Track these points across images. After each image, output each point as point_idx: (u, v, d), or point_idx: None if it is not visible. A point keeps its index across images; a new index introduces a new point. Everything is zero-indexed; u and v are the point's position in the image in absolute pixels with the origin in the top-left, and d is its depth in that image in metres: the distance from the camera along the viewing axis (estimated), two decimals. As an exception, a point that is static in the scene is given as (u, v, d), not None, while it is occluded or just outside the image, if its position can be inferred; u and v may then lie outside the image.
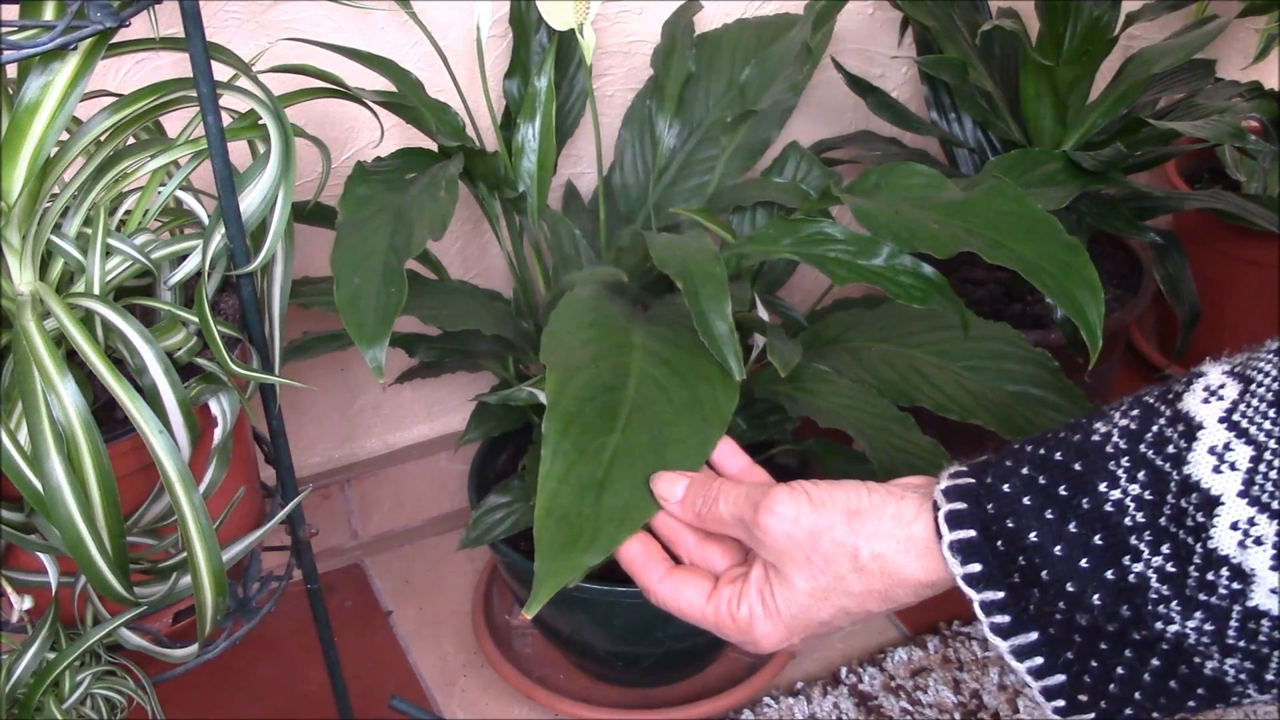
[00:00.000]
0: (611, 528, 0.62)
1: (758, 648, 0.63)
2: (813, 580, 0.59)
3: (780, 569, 0.60)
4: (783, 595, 0.61)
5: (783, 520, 0.59)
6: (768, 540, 0.60)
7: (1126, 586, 0.52)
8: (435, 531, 1.29)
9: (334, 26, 1.00)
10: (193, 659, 0.77)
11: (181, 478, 0.67)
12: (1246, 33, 1.46)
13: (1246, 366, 0.51)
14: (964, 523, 0.55)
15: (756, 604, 0.62)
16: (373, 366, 0.69)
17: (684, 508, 0.64)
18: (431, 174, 0.83)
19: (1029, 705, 1.08)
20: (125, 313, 0.68)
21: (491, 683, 1.13)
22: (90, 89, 0.64)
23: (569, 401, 0.65)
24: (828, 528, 0.59)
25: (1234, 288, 1.35)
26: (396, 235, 0.75)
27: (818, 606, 0.60)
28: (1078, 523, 0.52)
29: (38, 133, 0.62)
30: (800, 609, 0.60)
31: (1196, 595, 0.50)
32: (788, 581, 0.60)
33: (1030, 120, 1.14)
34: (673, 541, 0.66)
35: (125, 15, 0.60)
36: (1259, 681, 0.52)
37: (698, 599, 0.64)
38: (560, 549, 0.60)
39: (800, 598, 0.60)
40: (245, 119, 0.74)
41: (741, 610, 0.62)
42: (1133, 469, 0.52)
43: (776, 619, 0.61)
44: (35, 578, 0.73)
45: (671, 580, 0.64)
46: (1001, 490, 0.55)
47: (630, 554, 0.65)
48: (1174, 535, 0.50)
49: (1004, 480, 0.55)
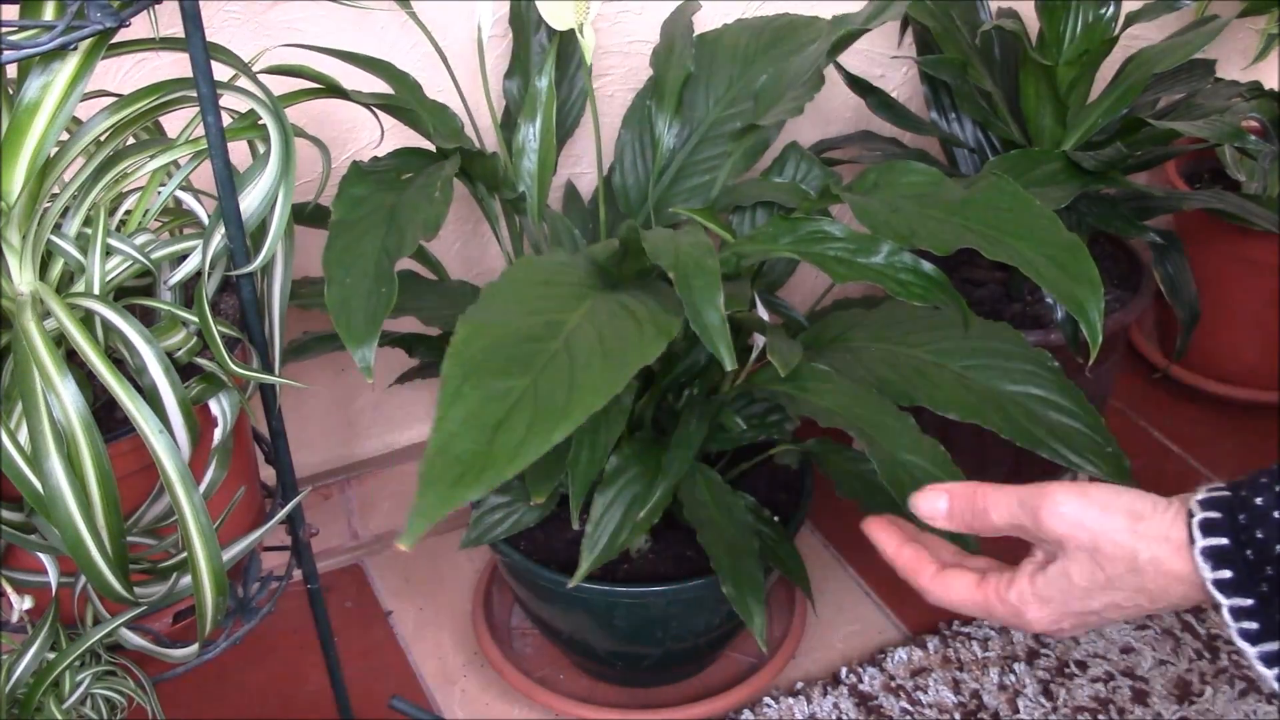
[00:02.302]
0: (502, 462, 0.58)
1: (1029, 628, 0.67)
2: (1090, 577, 0.63)
3: (1057, 560, 0.65)
4: (1058, 584, 0.65)
5: (1065, 521, 0.63)
6: (1049, 537, 0.64)
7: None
8: (435, 531, 1.29)
9: (334, 26, 1.00)
10: (193, 659, 0.77)
11: (181, 478, 0.67)
12: (1246, 33, 1.46)
13: None
14: (1216, 531, 0.59)
15: (1027, 589, 0.66)
16: (361, 366, 0.70)
17: (951, 521, 0.69)
18: (427, 174, 0.83)
19: (1029, 705, 1.08)
20: (125, 313, 0.68)
21: (491, 683, 1.13)
22: (90, 89, 0.64)
23: (476, 351, 0.62)
24: (1111, 530, 0.62)
25: (1234, 288, 1.35)
26: (389, 236, 0.75)
27: (1091, 598, 0.64)
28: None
29: (38, 133, 0.62)
30: (1073, 599, 0.65)
31: None
32: (1064, 573, 0.64)
33: (1030, 120, 1.14)
34: (915, 573, 0.71)
35: (125, 15, 0.60)
36: None
37: (968, 588, 0.69)
38: (445, 483, 0.57)
39: (1075, 590, 0.64)
40: (245, 119, 0.74)
41: (1011, 594, 0.67)
42: None
43: (1049, 604, 0.66)
44: (35, 578, 0.73)
45: (942, 577, 0.70)
46: (1255, 503, 0.58)
47: (904, 558, 0.71)
48: None
49: (1258, 494, 0.58)
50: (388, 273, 0.72)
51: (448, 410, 0.59)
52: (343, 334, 0.70)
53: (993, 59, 1.18)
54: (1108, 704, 1.07)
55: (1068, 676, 1.10)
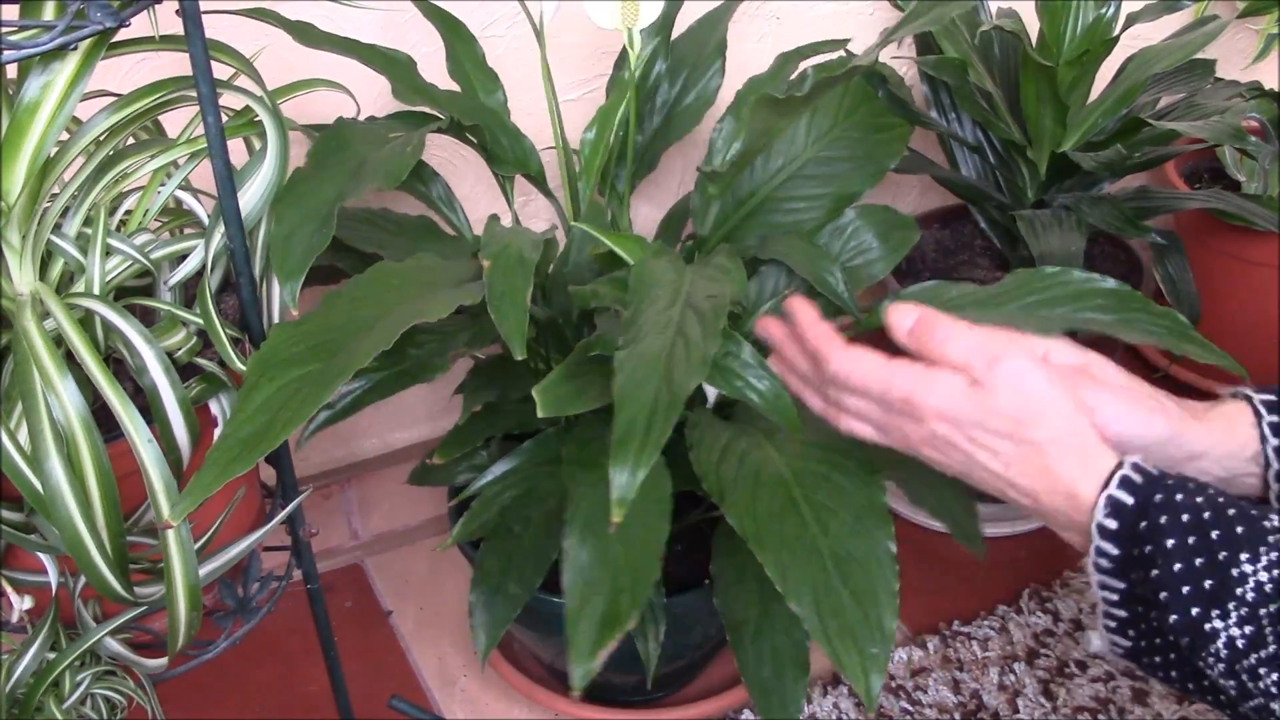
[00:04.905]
0: (279, 427, 0.64)
1: (916, 411, 0.69)
2: (1004, 409, 0.66)
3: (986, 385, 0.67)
4: (974, 400, 0.67)
5: (1016, 386, 0.66)
6: (990, 385, 0.67)
7: (1200, 630, 0.60)
8: (435, 531, 1.29)
9: (334, 27, 1.00)
10: (162, 670, 0.77)
11: (166, 488, 0.67)
12: (1246, 33, 1.46)
13: None
14: (1131, 489, 0.64)
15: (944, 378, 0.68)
16: (289, 298, 0.72)
17: (910, 339, 0.70)
18: (414, 133, 0.85)
19: (1029, 705, 1.08)
20: (125, 313, 0.68)
21: (491, 682, 1.13)
22: (90, 89, 0.64)
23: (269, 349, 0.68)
24: (1050, 401, 0.66)
25: (1234, 288, 1.35)
26: (349, 183, 0.77)
27: (989, 432, 0.67)
28: (1206, 563, 0.60)
29: (38, 133, 0.62)
30: (974, 421, 0.67)
31: (1240, 673, 0.59)
32: (985, 396, 0.67)
33: (1030, 120, 1.14)
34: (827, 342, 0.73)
35: (125, 15, 0.60)
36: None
37: (876, 358, 0.70)
38: (221, 464, 0.63)
39: (984, 414, 0.67)
40: (241, 116, 0.75)
41: (922, 373, 0.69)
42: (1273, 564, 0.59)
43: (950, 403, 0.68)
44: (35, 578, 0.73)
45: (852, 349, 0.71)
46: (1174, 495, 0.63)
47: (820, 330, 0.73)
48: (1262, 626, 0.58)
49: (1180, 491, 0.63)
50: (330, 218, 0.74)
51: (243, 404, 0.65)
52: (277, 268, 0.73)
53: (993, 59, 1.18)
54: (1108, 704, 1.07)
55: (1068, 676, 1.10)
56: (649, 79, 1.03)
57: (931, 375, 0.68)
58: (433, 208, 0.99)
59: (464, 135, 0.94)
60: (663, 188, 1.24)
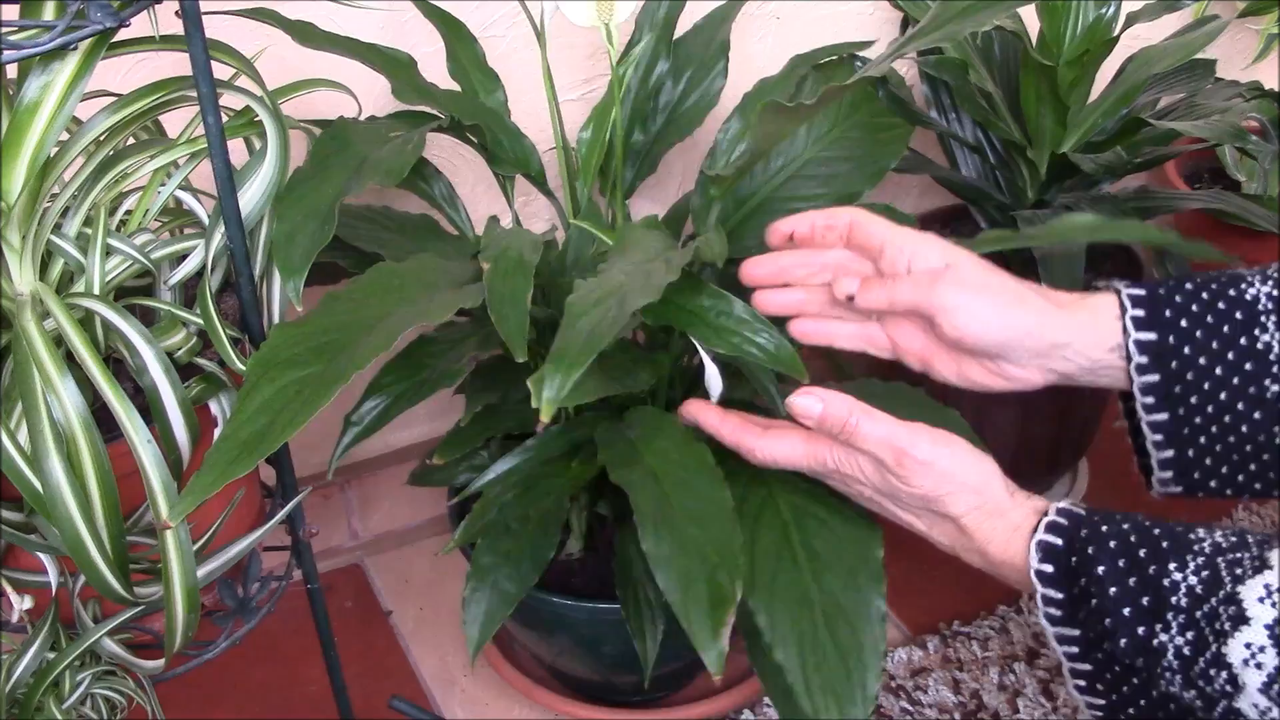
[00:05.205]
0: (279, 428, 0.64)
1: (849, 487, 0.74)
2: (917, 493, 0.71)
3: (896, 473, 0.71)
4: (892, 479, 0.71)
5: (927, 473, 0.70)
6: (901, 474, 0.71)
7: (1149, 647, 0.62)
8: (435, 531, 1.29)
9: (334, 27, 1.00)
10: (161, 670, 0.77)
11: (165, 489, 0.67)
12: (1246, 33, 1.46)
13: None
14: (1058, 532, 0.67)
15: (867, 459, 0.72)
16: (292, 294, 0.72)
17: (820, 427, 0.73)
18: (414, 132, 0.85)
19: (1029, 705, 1.08)
20: (125, 313, 0.68)
21: (491, 683, 1.13)
22: (90, 89, 0.64)
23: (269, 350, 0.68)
24: (957, 479, 0.70)
25: (1234, 288, 1.34)
26: (350, 181, 0.77)
27: (913, 501, 0.72)
28: (1138, 580, 0.63)
29: (38, 133, 0.62)
30: (900, 490, 0.71)
31: (1196, 680, 0.61)
32: (902, 478, 0.71)
33: (1030, 120, 1.14)
34: (743, 434, 0.77)
35: (125, 15, 0.60)
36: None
37: (799, 440, 0.74)
38: (222, 464, 0.63)
39: (904, 490, 0.71)
40: (242, 116, 0.75)
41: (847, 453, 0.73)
42: (1201, 568, 0.62)
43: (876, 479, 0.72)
44: (35, 578, 0.73)
45: (770, 435, 0.75)
46: (1099, 527, 0.66)
47: (730, 425, 0.76)
48: (1201, 629, 0.61)
49: (1105, 523, 0.66)
50: (332, 214, 0.74)
51: (243, 405, 0.65)
52: (279, 265, 0.73)
53: (993, 59, 1.18)
54: (1108, 704, 1.08)
55: (1068, 676, 1.10)
56: (651, 79, 1.02)
57: (851, 454, 0.73)
58: (435, 206, 0.99)
59: (464, 135, 0.94)
60: (664, 188, 1.24)
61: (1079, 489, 1.29)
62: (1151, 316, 0.71)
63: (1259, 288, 0.70)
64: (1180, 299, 0.71)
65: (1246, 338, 0.69)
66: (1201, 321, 0.71)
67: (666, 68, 1.03)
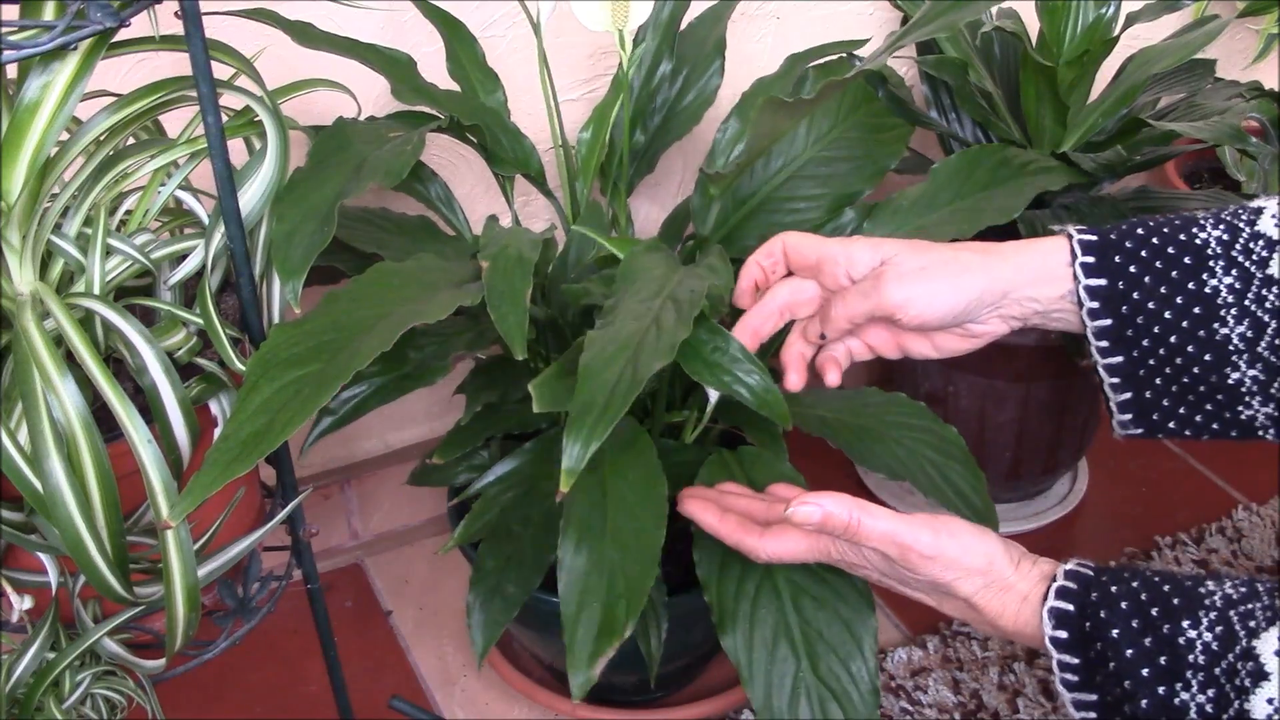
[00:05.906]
0: (279, 428, 0.64)
1: (858, 572, 0.76)
2: (924, 582, 0.72)
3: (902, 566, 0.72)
4: (898, 569, 0.72)
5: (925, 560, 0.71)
6: (907, 567, 0.72)
7: (1171, 706, 0.62)
8: (435, 531, 1.29)
9: (334, 27, 1.00)
10: (161, 670, 0.77)
11: (166, 488, 0.67)
12: (1246, 33, 1.46)
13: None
14: (1069, 598, 0.68)
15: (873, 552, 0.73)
16: (290, 297, 0.72)
17: (822, 528, 0.72)
18: (413, 133, 0.85)
19: (1029, 705, 1.08)
20: (125, 313, 0.68)
21: (491, 682, 1.13)
22: (90, 89, 0.64)
23: (269, 349, 0.68)
24: (960, 566, 0.71)
25: (1234, 288, 1.34)
26: (349, 182, 0.77)
27: (921, 586, 0.73)
28: (1154, 640, 0.63)
29: (38, 133, 0.62)
30: (907, 578, 0.73)
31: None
32: (908, 571, 0.72)
33: (1030, 120, 1.14)
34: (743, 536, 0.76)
35: (125, 15, 0.60)
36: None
37: (801, 538, 0.75)
38: (222, 464, 0.63)
39: (911, 579, 0.73)
40: (241, 116, 0.75)
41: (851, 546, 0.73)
42: (1215, 623, 0.62)
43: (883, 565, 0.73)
44: (35, 578, 0.73)
45: (771, 535, 0.75)
46: (1109, 588, 0.66)
47: (729, 527, 0.76)
48: (1221, 685, 0.61)
49: (1115, 583, 0.67)
50: (331, 215, 0.74)
51: (242, 404, 0.65)
52: (278, 266, 0.73)
53: (993, 59, 1.18)
54: (1108, 704, 1.08)
55: (1068, 676, 1.10)
56: (653, 79, 1.03)
57: (855, 549, 0.73)
58: (431, 207, 0.99)
59: (464, 135, 0.94)
60: (664, 187, 1.24)
61: (1079, 489, 1.29)
62: (1101, 263, 0.72)
63: (1210, 232, 0.71)
64: (1130, 244, 0.72)
65: (1195, 282, 0.70)
66: (1150, 267, 0.71)
67: (669, 68, 1.03)
